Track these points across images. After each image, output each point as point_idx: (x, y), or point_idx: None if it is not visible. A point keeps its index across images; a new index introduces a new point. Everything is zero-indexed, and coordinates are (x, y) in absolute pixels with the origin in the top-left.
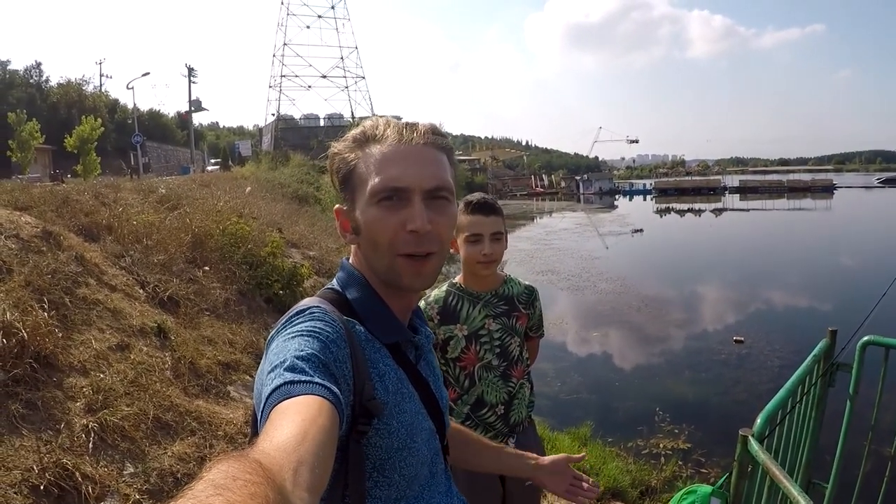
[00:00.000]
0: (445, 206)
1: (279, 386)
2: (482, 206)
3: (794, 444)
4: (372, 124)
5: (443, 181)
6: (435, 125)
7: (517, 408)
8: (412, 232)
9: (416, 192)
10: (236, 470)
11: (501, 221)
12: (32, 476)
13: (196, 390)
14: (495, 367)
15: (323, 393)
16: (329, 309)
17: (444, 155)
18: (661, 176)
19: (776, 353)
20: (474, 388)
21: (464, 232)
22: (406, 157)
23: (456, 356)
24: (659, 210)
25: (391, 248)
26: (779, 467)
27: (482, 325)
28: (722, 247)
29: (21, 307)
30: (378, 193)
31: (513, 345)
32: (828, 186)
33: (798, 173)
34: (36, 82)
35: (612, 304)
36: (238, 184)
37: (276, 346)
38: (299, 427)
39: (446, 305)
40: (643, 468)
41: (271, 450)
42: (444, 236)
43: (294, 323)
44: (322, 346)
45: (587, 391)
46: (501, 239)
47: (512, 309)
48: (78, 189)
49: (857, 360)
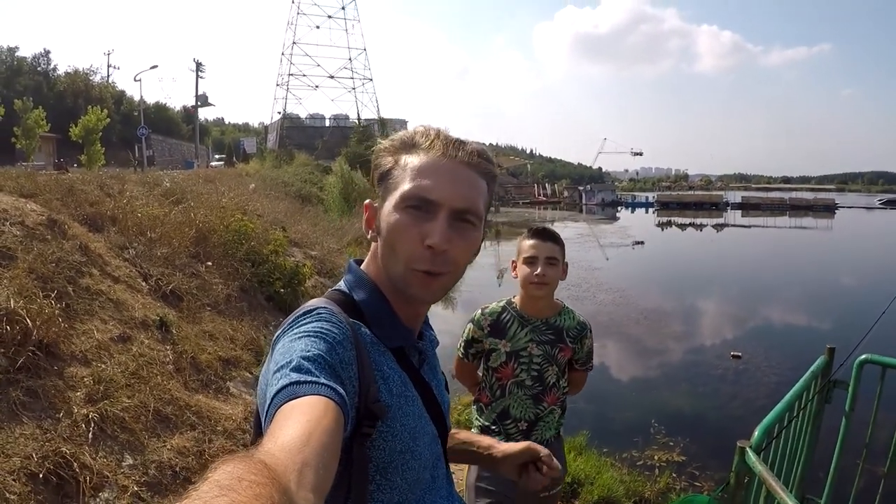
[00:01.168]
0: (469, 231)
1: (285, 386)
2: (540, 233)
3: (789, 458)
4: (423, 131)
5: (473, 205)
6: (485, 149)
7: (541, 429)
8: (429, 248)
9: (444, 208)
10: (241, 471)
11: (559, 249)
12: (31, 464)
13: (196, 385)
14: (528, 387)
15: (329, 394)
16: (336, 310)
17: (484, 181)
18: (664, 189)
19: (773, 370)
20: (503, 399)
21: (523, 254)
22: (444, 172)
23: (496, 366)
24: (660, 223)
25: (407, 258)
26: (775, 479)
27: (525, 347)
28: (722, 262)
29: (25, 294)
30: (407, 200)
31: (549, 372)
32: (829, 206)
33: (800, 191)
34: (43, 70)
35: (610, 314)
36: (242, 180)
37: (283, 346)
38: (304, 428)
39: (498, 320)
40: (637, 479)
41: (276, 451)
42: (460, 259)
43: (301, 323)
44: (328, 348)
45: (584, 401)
46: (557, 265)
47: (558, 340)
48: (83, 179)
49: (853, 378)
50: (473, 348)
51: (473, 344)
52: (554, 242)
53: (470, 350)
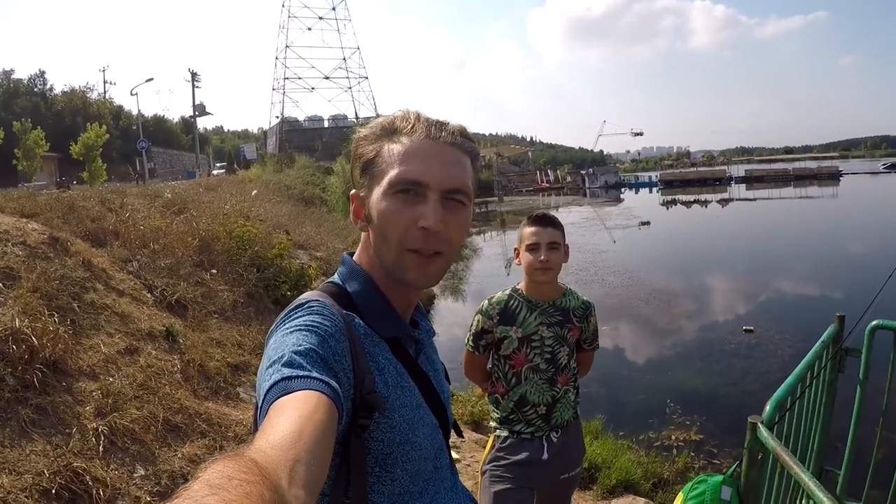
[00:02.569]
0: (459, 209)
1: (277, 382)
2: (540, 219)
3: (805, 431)
4: (402, 116)
5: (462, 184)
6: (464, 127)
7: (560, 410)
8: (423, 229)
9: (435, 189)
10: (232, 469)
11: (559, 234)
12: (43, 480)
13: (205, 392)
14: (543, 371)
15: (321, 388)
16: (329, 302)
17: (469, 158)
18: (667, 168)
19: (786, 342)
20: (519, 386)
21: (525, 241)
22: (430, 154)
23: (507, 354)
24: (665, 202)
25: (400, 242)
26: (789, 454)
27: (536, 331)
28: (729, 237)
29: (30, 313)
30: (396, 185)
31: (562, 353)
32: (833, 173)
33: (804, 161)
34: (40, 91)
35: (620, 297)
36: (244, 187)
37: (275, 341)
38: (296, 423)
39: (507, 308)
40: (655, 460)
41: (267, 448)
42: (454, 238)
43: (292, 317)
44: (320, 341)
45: (597, 385)
46: (559, 249)
47: (566, 320)
48: (84, 195)
49: (865, 344)
50: (484, 339)
51: (483, 335)
52: (554, 227)
53: (480, 342)
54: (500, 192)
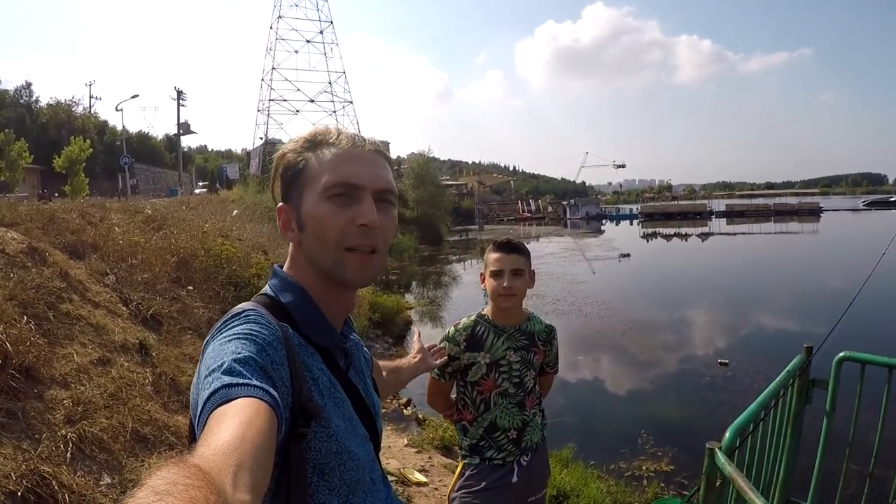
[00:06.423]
0: (389, 209)
1: (217, 389)
2: (504, 246)
3: (769, 460)
4: (324, 129)
5: (391, 185)
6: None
7: (529, 434)
8: (361, 226)
9: (368, 190)
10: (176, 475)
11: (523, 260)
12: (10, 482)
13: (176, 406)
14: (512, 395)
15: (261, 395)
16: (265, 312)
17: (389, 165)
18: (648, 201)
19: (761, 375)
20: (488, 412)
21: (489, 267)
22: (361, 159)
23: (475, 381)
24: (645, 235)
25: (339, 241)
26: (745, 480)
27: (503, 356)
28: (708, 271)
29: (5, 320)
30: (331, 188)
31: (528, 377)
32: (814, 209)
33: (785, 197)
34: (26, 102)
35: (597, 327)
36: (225, 206)
37: (213, 349)
38: (237, 430)
39: (474, 334)
40: (624, 490)
41: (210, 454)
42: (388, 236)
43: (230, 326)
44: (259, 349)
45: (570, 413)
46: (523, 276)
47: (532, 344)
48: (64, 207)
49: (832, 376)
50: (450, 367)
51: (450, 362)
52: (518, 254)
53: (446, 369)
54: (480, 221)
